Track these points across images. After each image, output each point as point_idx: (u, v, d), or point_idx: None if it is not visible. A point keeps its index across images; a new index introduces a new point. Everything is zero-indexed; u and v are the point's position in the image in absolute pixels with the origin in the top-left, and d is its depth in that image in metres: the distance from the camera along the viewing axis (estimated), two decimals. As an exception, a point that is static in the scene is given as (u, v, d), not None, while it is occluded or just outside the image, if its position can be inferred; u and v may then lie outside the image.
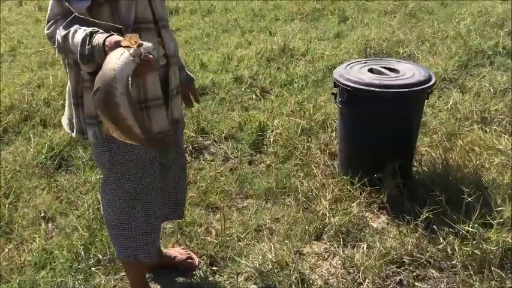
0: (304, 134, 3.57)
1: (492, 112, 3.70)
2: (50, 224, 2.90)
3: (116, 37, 1.48)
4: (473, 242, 2.38)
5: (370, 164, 2.89)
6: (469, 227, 2.45)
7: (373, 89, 2.71)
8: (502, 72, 4.45)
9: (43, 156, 3.54)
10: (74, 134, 1.83)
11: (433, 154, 3.21)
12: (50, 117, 4.17)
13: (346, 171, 3.00)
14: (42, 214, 2.96)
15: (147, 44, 1.46)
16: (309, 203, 2.87)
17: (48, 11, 1.62)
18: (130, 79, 1.42)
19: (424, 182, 2.94)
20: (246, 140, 3.66)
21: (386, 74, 2.86)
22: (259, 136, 3.66)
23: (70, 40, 1.54)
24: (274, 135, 3.58)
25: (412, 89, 2.69)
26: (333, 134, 3.54)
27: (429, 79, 2.78)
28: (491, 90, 4.08)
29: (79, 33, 1.53)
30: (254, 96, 4.34)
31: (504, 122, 3.56)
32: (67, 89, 1.81)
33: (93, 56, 1.50)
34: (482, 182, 2.86)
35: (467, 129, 3.54)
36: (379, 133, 2.84)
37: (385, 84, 2.72)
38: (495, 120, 3.64)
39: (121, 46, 1.44)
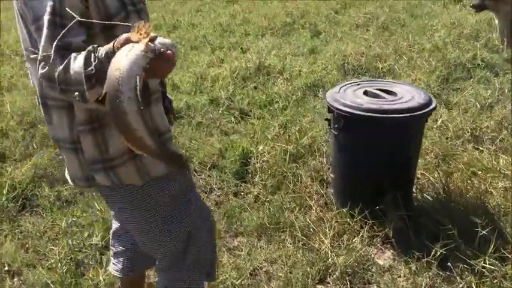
0: (292, 161, 3.34)
1: (483, 129, 3.58)
2: (15, 280, 2.54)
3: (125, 34, 1.24)
4: (493, 280, 2.19)
5: (370, 194, 2.68)
6: (485, 262, 2.27)
7: (372, 114, 2.51)
8: (484, 86, 4.36)
9: (3, 198, 3.16)
10: (77, 185, 1.65)
11: (431, 178, 3.03)
12: (9, 151, 3.78)
13: (344, 202, 2.78)
14: (6, 267, 2.60)
15: (163, 39, 1.24)
16: (308, 240, 2.63)
17: (40, 50, 1.33)
18: (139, 80, 1.17)
19: (427, 210, 2.76)
20: (229, 168, 3.39)
21: (383, 97, 2.67)
22: (244, 164, 3.40)
23: (71, 68, 1.28)
24: (260, 163, 3.33)
25: (413, 113, 2.51)
26: (322, 159, 3.33)
27: (430, 102, 2.60)
28: (478, 105, 3.97)
29: (80, 56, 1.28)
30: (233, 119, 4.08)
31: (497, 140, 3.44)
32: (56, 137, 1.58)
33: (101, 71, 1.23)
34: (488, 209, 2.70)
35: (461, 148, 3.40)
36: (379, 161, 2.64)
37: (385, 109, 2.52)
38: (487, 138, 3.51)
39: (131, 42, 1.21)
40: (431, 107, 2.57)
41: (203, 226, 1.82)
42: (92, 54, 1.26)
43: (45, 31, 1.31)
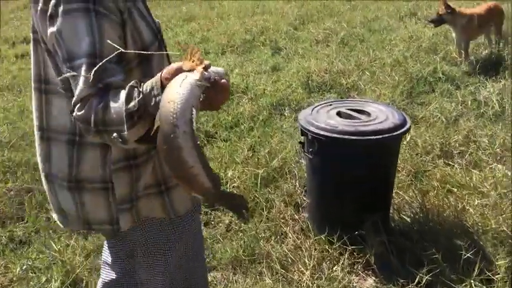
0: (264, 185, 3.21)
1: (452, 144, 3.57)
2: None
3: (175, 64, 1.14)
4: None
5: (348, 219, 2.58)
6: (471, 286, 2.20)
7: (348, 137, 2.42)
8: (447, 99, 4.40)
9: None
10: (95, 231, 1.62)
11: (406, 198, 2.97)
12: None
13: (321, 227, 2.67)
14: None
15: (216, 68, 1.15)
16: (286, 272, 2.49)
17: (77, 91, 1.21)
18: (195, 112, 1.07)
19: (407, 233, 2.68)
20: (197, 195, 3.21)
21: (358, 118, 2.59)
22: (213, 190, 3.23)
23: (111, 108, 1.17)
24: (230, 189, 3.17)
25: (390, 134, 2.43)
26: (295, 182, 3.21)
27: (404, 122, 2.54)
28: (443, 119, 3.98)
29: (121, 94, 1.17)
30: (199, 143, 3.91)
31: (467, 155, 3.43)
32: (77, 178, 1.45)
33: (146, 107, 1.13)
34: (467, 228, 2.65)
35: (432, 164, 3.37)
36: (356, 184, 2.54)
37: (361, 131, 2.43)
38: (456, 152, 3.51)
39: (183, 71, 1.11)
40: (406, 127, 2.51)
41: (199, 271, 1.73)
42: (135, 90, 1.15)
43: (83, 73, 1.20)
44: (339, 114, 2.63)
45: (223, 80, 1.14)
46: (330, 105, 2.76)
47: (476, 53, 5.46)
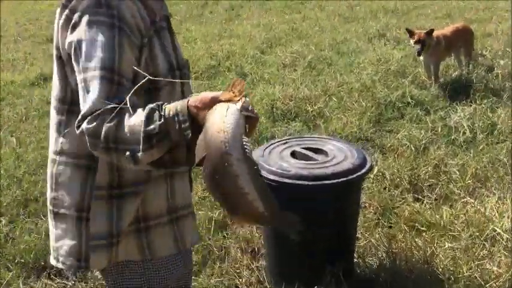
0: (219, 230, 2.93)
1: (421, 176, 3.36)
2: None
3: (207, 93, 1.16)
4: None
5: (306, 272, 2.33)
6: None
7: (301, 182, 2.18)
8: (416, 125, 4.21)
9: None
10: (60, 265, 1.41)
11: (373, 241, 2.72)
12: None
13: (279, 281, 2.40)
14: None
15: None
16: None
17: (89, 103, 1.17)
18: (246, 139, 1.11)
19: (372, 280, 2.43)
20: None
21: (314, 159, 2.35)
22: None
23: (125, 126, 1.15)
24: (182, 235, 2.89)
25: (348, 178, 2.19)
26: (250, 226, 2.95)
27: (364, 162, 2.31)
28: (412, 148, 3.78)
29: (138, 113, 1.16)
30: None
31: (437, 188, 3.22)
32: (52, 199, 1.40)
33: (168, 132, 1.13)
34: (437, 275, 2.42)
35: (401, 199, 3.15)
36: (314, 233, 2.27)
37: (316, 175, 2.19)
38: (427, 185, 3.29)
39: (221, 101, 1.14)
40: (367, 167, 2.28)
41: None
42: (156, 112, 1.14)
43: (98, 86, 1.18)
44: (293, 154, 2.39)
45: (255, 111, 1.18)
46: (285, 143, 2.52)
47: (446, 75, 5.33)
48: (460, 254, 2.52)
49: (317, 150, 2.42)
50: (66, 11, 1.27)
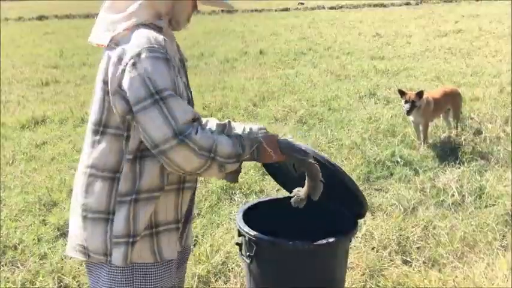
0: (202, 286, 2.84)
1: (410, 238, 3.32)
2: None
3: (273, 136, 1.75)
4: None
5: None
6: None
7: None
8: (405, 185, 4.20)
9: None
10: (88, 258, 1.63)
11: (360, 305, 2.65)
12: None
13: None
14: None
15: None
16: None
17: (177, 117, 1.46)
18: None
19: None
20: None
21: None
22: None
23: (218, 141, 1.53)
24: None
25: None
26: (236, 281, 2.86)
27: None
28: (401, 208, 3.76)
29: (225, 137, 1.58)
30: None
31: (426, 251, 3.17)
32: (83, 205, 1.63)
33: (250, 159, 1.64)
34: None
35: (389, 261, 3.09)
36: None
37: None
38: (415, 247, 3.25)
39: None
40: (353, 230, 2.23)
41: None
42: (244, 141, 1.59)
43: (172, 103, 1.46)
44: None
45: None
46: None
47: (435, 136, 5.39)
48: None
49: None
50: (118, 51, 1.51)
